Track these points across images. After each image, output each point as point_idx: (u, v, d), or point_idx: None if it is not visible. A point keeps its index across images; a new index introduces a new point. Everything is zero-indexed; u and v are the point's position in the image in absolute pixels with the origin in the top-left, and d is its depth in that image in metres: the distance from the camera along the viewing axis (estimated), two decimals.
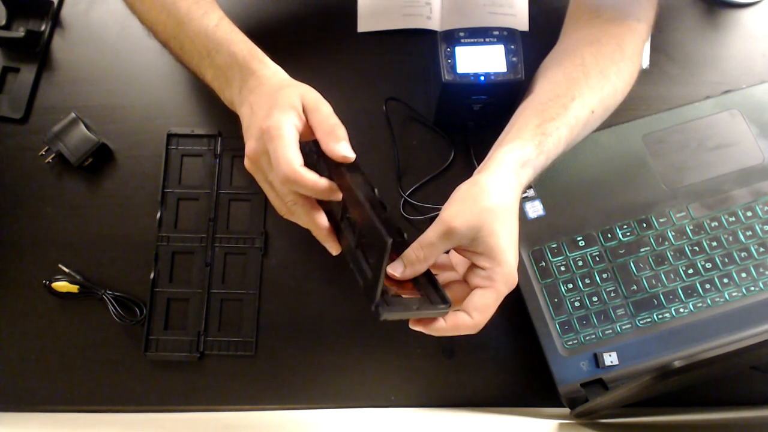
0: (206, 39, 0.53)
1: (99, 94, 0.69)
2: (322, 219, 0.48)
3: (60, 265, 0.63)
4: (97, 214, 0.66)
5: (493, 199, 0.46)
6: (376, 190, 0.47)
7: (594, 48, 0.55)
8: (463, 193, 0.47)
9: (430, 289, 0.46)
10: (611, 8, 0.56)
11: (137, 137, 0.68)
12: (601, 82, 0.53)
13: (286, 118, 0.46)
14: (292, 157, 0.45)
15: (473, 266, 0.47)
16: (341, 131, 0.47)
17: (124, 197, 0.66)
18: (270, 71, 0.51)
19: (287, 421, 0.60)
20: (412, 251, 0.45)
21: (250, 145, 0.47)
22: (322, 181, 0.46)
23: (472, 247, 0.45)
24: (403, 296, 0.44)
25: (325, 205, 0.49)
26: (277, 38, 0.71)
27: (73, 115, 0.66)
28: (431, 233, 0.45)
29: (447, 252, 0.48)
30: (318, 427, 0.59)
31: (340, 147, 0.46)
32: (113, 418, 0.60)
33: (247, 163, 0.49)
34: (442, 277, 0.49)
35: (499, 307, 0.46)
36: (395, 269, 0.45)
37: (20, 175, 0.67)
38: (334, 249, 0.49)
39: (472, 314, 0.45)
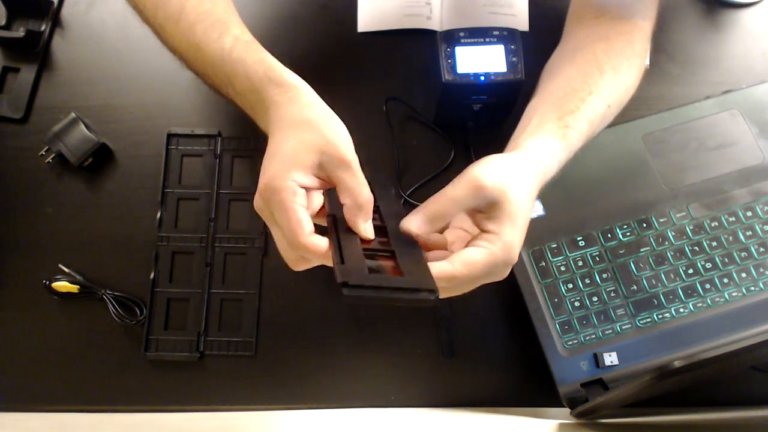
0: (222, 64, 0.48)
1: (99, 94, 0.69)
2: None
3: (60, 265, 0.63)
4: (97, 214, 0.66)
5: (521, 177, 0.44)
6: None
7: (605, 44, 0.55)
8: (492, 160, 0.45)
9: (414, 264, 0.39)
10: (617, 7, 0.56)
11: (137, 137, 0.68)
12: (615, 78, 0.53)
13: (290, 179, 0.41)
14: (297, 228, 0.40)
15: (477, 235, 0.44)
16: (370, 206, 0.43)
17: (124, 197, 0.66)
18: (288, 96, 0.45)
19: (287, 421, 0.60)
20: (437, 204, 0.42)
21: (257, 195, 0.43)
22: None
23: (487, 209, 0.43)
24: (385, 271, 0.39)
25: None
26: (277, 38, 0.71)
27: (73, 115, 0.66)
28: (459, 188, 0.42)
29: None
30: (318, 427, 0.59)
31: (366, 229, 0.42)
32: (113, 418, 0.60)
33: (255, 204, 0.44)
34: (433, 256, 0.43)
35: (499, 307, 0.46)
36: (412, 224, 0.42)
37: (20, 175, 0.67)
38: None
39: (455, 263, 0.40)
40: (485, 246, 0.42)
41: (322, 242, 0.40)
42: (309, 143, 0.42)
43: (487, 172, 0.43)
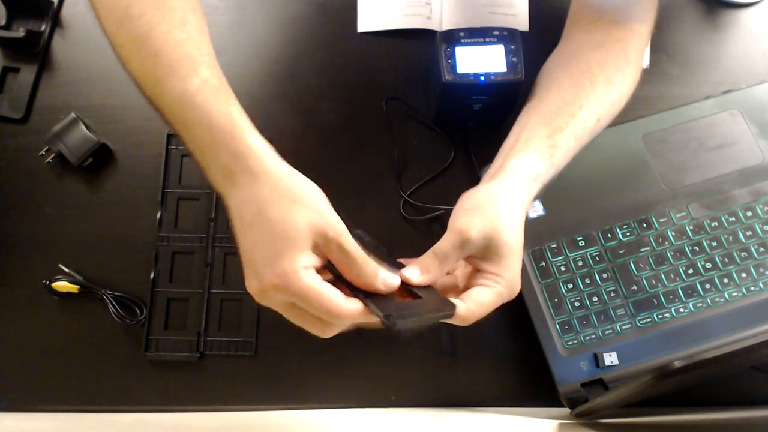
0: (181, 106, 0.42)
1: (99, 94, 0.69)
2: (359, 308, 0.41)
3: (60, 265, 0.63)
4: (97, 214, 0.66)
5: (505, 211, 0.46)
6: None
7: (599, 53, 0.55)
8: (473, 202, 0.47)
9: (427, 291, 0.45)
10: (614, 11, 0.56)
11: (137, 137, 0.68)
12: (607, 90, 0.53)
13: (301, 266, 0.39)
14: (332, 306, 0.39)
15: (477, 271, 0.46)
16: (369, 269, 0.41)
17: (124, 197, 0.66)
18: (260, 159, 0.41)
19: (287, 421, 0.60)
20: (428, 259, 0.44)
21: (258, 289, 0.40)
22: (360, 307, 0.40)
23: (482, 254, 0.45)
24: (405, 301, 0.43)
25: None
26: (277, 39, 0.71)
27: (73, 115, 0.66)
28: (447, 243, 0.44)
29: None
30: (318, 427, 0.59)
31: (387, 284, 0.41)
32: (113, 418, 0.60)
33: (256, 299, 0.42)
34: (439, 282, 0.48)
35: (499, 308, 0.46)
36: (410, 274, 0.43)
37: (20, 175, 0.67)
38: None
39: (468, 303, 0.43)
40: (492, 286, 0.44)
41: (357, 304, 0.40)
42: (302, 224, 0.39)
43: (471, 224, 0.44)
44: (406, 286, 0.44)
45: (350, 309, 0.39)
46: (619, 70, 0.54)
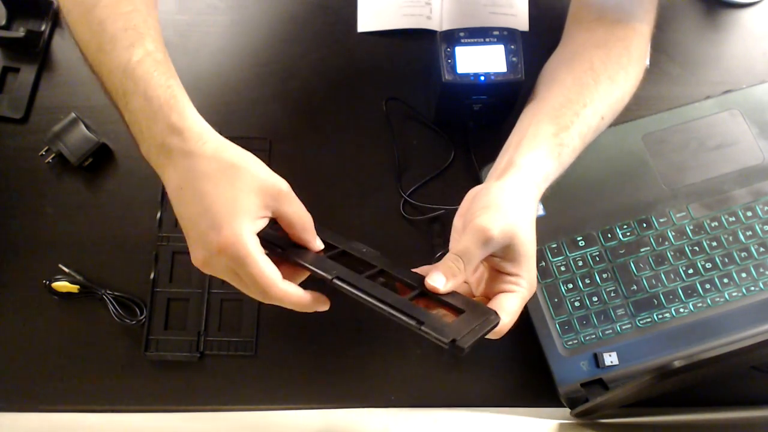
0: (123, 76, 0.42)
1: (99, 94, 0.67)
2: (304, 297, 0.44)
3: (60, 265, 0.63)
4: (97, 214, 0.65)
5: (522, 209, 0.45)
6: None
7: (602, 51, 0.55)
8: (489, 200, 0.45)
9: (460, 300, 0.43)
10: (615, 10, 0.56)
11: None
12: (610, 88, 0.53)
13: (249, 230, 0.40)
14: (269, 280, 0.41)
15: (497, 272, 0.45)
16: (311, 225, 0.45)
17: (124, 197, 0.66)
18: (198, 133, 0.42)
19: (287, 421, 0.60)
20: (452, 263, 0.43)
21: (208, 256, 0.41)
22: (306, 297, 0.44)
23: (502, 254, 0.45)
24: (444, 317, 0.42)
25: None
26: (277, 38, 0.71)
27: (73, 115, 0.66)
28: (469, 243, 0.43)
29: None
30: (318, 427, 0.59)
31: (317, 243, 0.45)
32: (113, 418, 0.60)
33: (202, 269, 0.43)
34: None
35: None
36: (437, 282, 0.42)
37: (20, 175, 0.67)
38: (324, 305, 0.46)
39: (502, 315, 0.43)
40: (516, 290, 0.44)
41: (296, 290, 0.42)
42: (247, 187, 0.41)
43: (492, 220, 0.43)
44: (431, 296, 0.42)
45: (285, 292, 0.41)
46: (622, 69, 0.54)
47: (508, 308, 0.43)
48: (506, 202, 0.45)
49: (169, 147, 0.41)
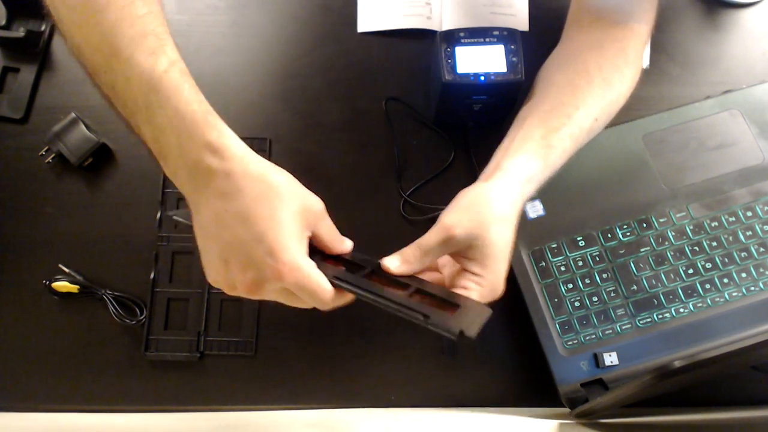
0: (148, 86, 0.38)
1: (99, 94, 0.69)
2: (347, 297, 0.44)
3: (60, 265, 0.63)
4: (97, 214, 0.65)
5: (494, 211, 0.46)
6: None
7: (597, 53, 0.55)
8: (465, 200, 0.47)
9: (455, 296, 0.45)
10: (614, 11, 0.56)
11: (137, 137, 0.68)
12: (604, 90, 0.53)
13: (303, 253, 0.40)
14: (329, 295, 0.41)
15: (463, 270, 0.46)
16: (340, 236, 0.46)
17: (124, 197, 0.66)
18: (240, 154, 0.39)
19: (287, 421, 0.60)
20: (411, 251, 0.45)
21: (256, 282, 0.40)
22: (348, 296, 0.43)
23: (466, 253, 0.46)
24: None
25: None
26: (277, 38, 0.71)
27: (73, 115, 0.66)
28: (432, 238, 0.45)
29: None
30: (318, 427, 0.59)
31: (346, 244, 0.46)
32: (113, 418, 0.60)
33: (248, 294, 0.42)
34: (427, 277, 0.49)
35: (499, 307, 0.46)
36: (390, 264, 0.44)
37: (20, 175, 0.67)
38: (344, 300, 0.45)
39: None
40: (472, 288, 0.45)
41: (342, 295, 0.42)
42: (294, 210, 0.40)
43: (457, 222, 0.45)
44: (418, 288, 0.44)
45: (337, 300, 0.42)
46: (618, 71, 0.54)
47: None
48: (479, 204, 0.46)
49: (207, 166, 0.38)
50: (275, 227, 0.39)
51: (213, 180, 0.39)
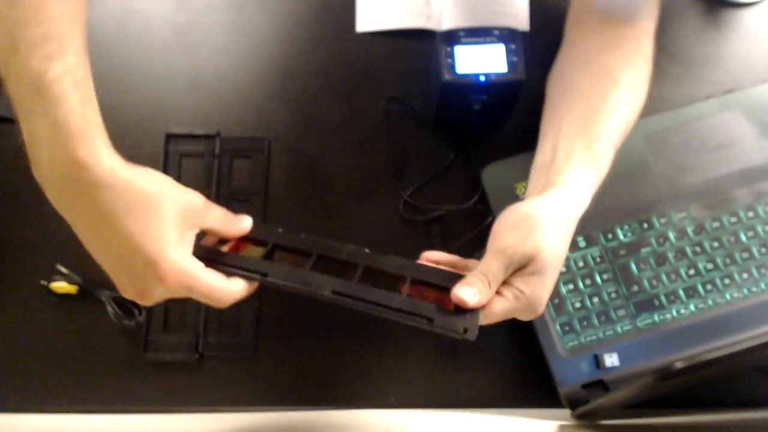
0: (35, 92, 0.37)
1: (98, 93, 0.68)
2: (249, 287, 0.46)
3: (58, 266, 0.62)
4: None
5: (551, 229, 0.45)
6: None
7: (615, 54, 0.55)
8: (518, 218, 0.46)
9: (448, 278, 0.45)
10: (622, 10, 0.56)
11: (135, 137, 0.68)
12: (630, 92, 0.54)
13: (184, 255, 0.41)
14: (222, 292, 0.43)
15: (508, 283, 0.46)
16: (231, 216, 0.47)
17: None
18: (108, 168, 0.39)
19: (287, 421, 0.60)
20: (481, 283, 0.43)
21: (142, 292, 0.42)
22: (252, 286, 0.46)
23: (518, 271, 0.45)
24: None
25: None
26: (276, 38, 0.71)
27: None
28: (495, 265, 0.44)
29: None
30: (318, 427, 0.59)
31: (246, 221, 0.47)
32: (112, 419, 0.59)
33: (140, 301, 0.43)
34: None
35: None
36: (465, 294, 0.42)
37: (20, 175, 0.66)
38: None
39: (481, 317, 0.44)
40: (508, 298, 0.44)
41: (240, 285, 0.44)
42: (170, 214, 0.41)
43: (516, 241, 0.44)
44: (418, 280, 0.45)
45: (235, 292, 0.44)
46: (638, 70, 0.54)
47: (489, 309, 0.44)
48: (533, 223, 0.45)
49: (76, 178, 0.39)
50: (149, 237, 0.39)
51: (84, 192, 0.39)
